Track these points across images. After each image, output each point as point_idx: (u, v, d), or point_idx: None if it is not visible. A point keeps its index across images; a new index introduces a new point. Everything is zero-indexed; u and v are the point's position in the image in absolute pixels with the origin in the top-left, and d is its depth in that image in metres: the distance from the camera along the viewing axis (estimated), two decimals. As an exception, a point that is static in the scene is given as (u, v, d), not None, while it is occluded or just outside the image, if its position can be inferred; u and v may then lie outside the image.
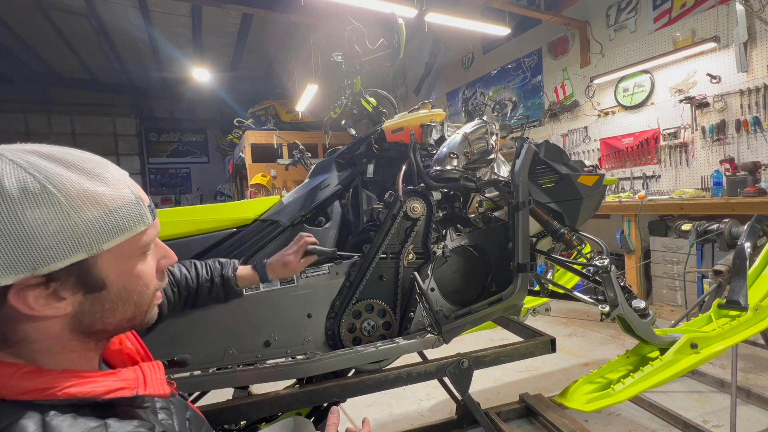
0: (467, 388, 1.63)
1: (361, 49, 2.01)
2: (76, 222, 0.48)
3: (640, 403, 2.32)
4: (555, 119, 5.44)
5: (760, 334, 2.22)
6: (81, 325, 0.54)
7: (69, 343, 0.55)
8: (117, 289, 0.55)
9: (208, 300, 1.27)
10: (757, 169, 3.35)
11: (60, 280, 0.49)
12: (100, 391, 0.52)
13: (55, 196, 0.47)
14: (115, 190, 0.53)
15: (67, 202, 0.48)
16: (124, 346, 0.69)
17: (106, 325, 0.57)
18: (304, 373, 1.49)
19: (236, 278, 1.27)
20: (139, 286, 0.58)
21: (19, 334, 0.51)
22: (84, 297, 0.53)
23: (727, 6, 3.67)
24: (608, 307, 1.75)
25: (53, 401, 0.49)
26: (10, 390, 0.48)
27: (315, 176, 1.83)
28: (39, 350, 0.53)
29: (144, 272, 0.59)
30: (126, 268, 0.56)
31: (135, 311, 0.59)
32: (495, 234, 1.83)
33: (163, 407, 0.64)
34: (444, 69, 7.32)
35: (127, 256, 0.56)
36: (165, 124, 13.09)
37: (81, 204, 0.49)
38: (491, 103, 1.94)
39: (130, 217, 0.54)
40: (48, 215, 0.47)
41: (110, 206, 0.52)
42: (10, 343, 0.51)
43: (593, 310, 3.86)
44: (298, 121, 8.35)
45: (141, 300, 0.59)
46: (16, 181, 0.46)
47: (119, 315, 0.57)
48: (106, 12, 7.23)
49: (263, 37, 8.46)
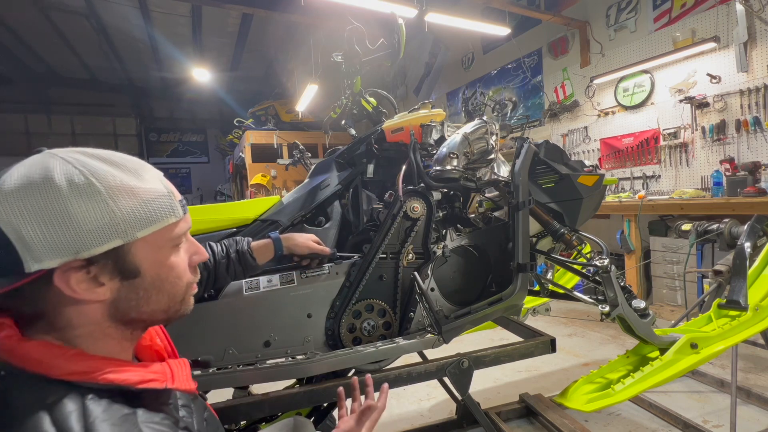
0: (467, 388, 1.63)
1: (361, 49, 2.01)
2: (113, 210, 0.53)
3: (640, 403, 2.32)
4: (555, 119, 5.43)
5: (760, 334, 2.22)
6: (118, 312, 0.59)
7: (108, 330, 0.59)
8: (150, 278, 0.59)
9: (226, 277, 1.30)
10: (757, 169, 3.35)
11: (99, 264, 0.54)
12: (134, 380, 0.56)
13: (97, 187, 0.53)
14: (149, 184, 0.58)
15: (107, 192, 0.53)
16: (153, 343, 0.73)
17: (140, 313, 0.61)
18: (304, 373, 1.49)
19: (252, 250, 1.31)
20: (171, 276, 0.62)
21: (64, 319, 0.56)
22: (120, 283, 0.57)
23: (727, 6, 3.67)
24: (608, 307, 1.75)
25: (92, 385, 0.53)
26: (56, 370, 0.52)
27: (315, 176, 1.83)
28: (81, 335, 0.57)
29: (176, 264, 0.63)
30: (159, 257, 0.60)
31: (169, 302, 0.63)
32: (495, 234, 1.83)
33: (184, 405, 0.66)
34: (444, 69, 7.31)
35: (160, 245, 0.60)
36: (165, 124, 13.09)
37: (118, 194, 0.54)
38: (491, 103, 1.93)
39: (162, 209, 0.58)
40: (90, 204, 0.52)
41: (144, 198, 0.57)
42: (56, 327, 0.56)
43: (593, 310, 3.86)
44: (298, 121, 8.35)
45: (174, 291, 0.63)
46: (65, 175, 0.52)
47: (153, 304, 0.61)
48: (106, 12, 7.23)
49: (263, 37, 8.46)
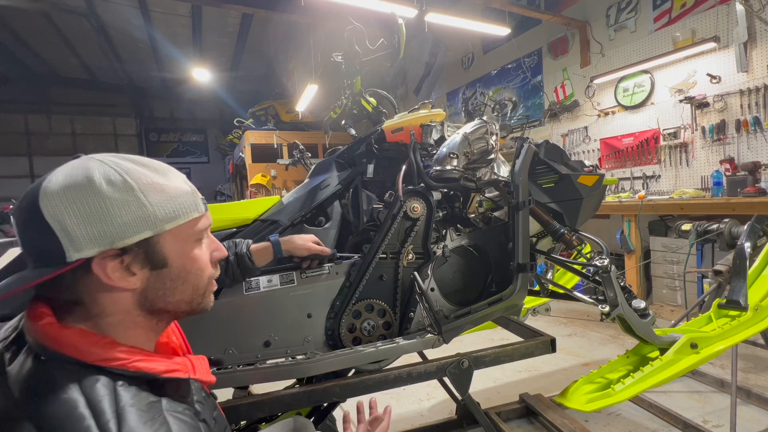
0: (467, 388, 1.63)
1: (361, 49, 2.01)
2: (145, 204, 0.59)
3: (640, 403, 2.32)
4: (555, 119, 5.43)
5: (760, 334, 2.22)
6: (146, 301, 0.63)
7: (137, 319, 0.64)
8: (177, 269, 0.64)
9: (224, 279, 1.31)
10: (757, 169, 3.35)
11: (131, 254, 0.60)
12: (161, 369, 0.60)
13: (130, 183, 0.59)
14: (174, 183, 0.65)
15: (139, 189, 0.59)
16: (170, 340, 0.76)
17: (167, 303, 0.65)
18: (304, 373, 1.49)
19: (251, 253, 1.32)
20: (195, 268, 0.67)
21: (99, 306, 0.60)
22: (150, 273, 0.62)
23: (727, 6, 3.67)
24: (608, 307, 1.75)
25: (123, 371, 0.57)
26: (90, 356, 0.57)
27: (315, 176, 1.83)
28: (113, 324, 0.61)
29: (199, 257, 0.68)
30: (184, 250, 0.65)
31: (192, 294, 0.67)
32: (495, 234, 1.82)
33: (198, 401, 0.69)
34: (444, 69, 7.30)
35: (185, 239, 0.65)
36: (165, 124, 13.09)
37: (149, 190, 0.60)
38: (491, 103, 1.93)
39: (186, 204, 0.64)
40: (125, 199, 0.58)
41: (171, 194, 0.63)
42: (91, 314, 0.60)
43: (593, 310, 3.86)
44: (298, 121, 8.35)
45: (198, 283, 0.68)
46: (103, 174, 0.58)
47: (178, 295, 0.66)
48: (106, 12, 7.24)
49: (263, 37, 8.46)
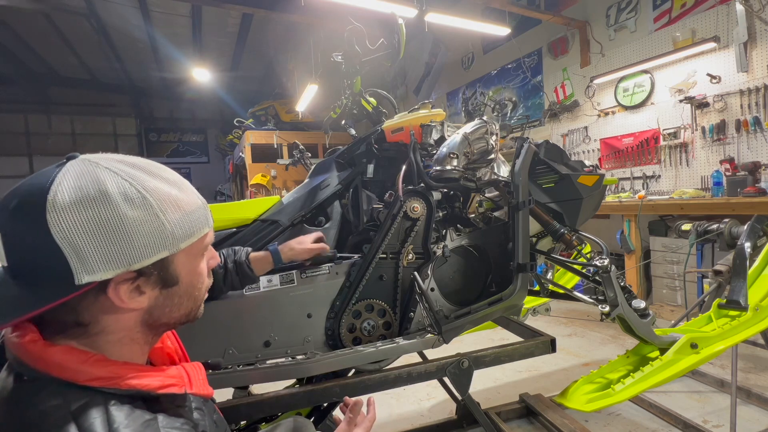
0: (467, 388, 1.63)
1: (361, 49, 2.00)
2: (163, 223, 0.54)
3: (640, 403, 2.32)
4: (555, 119, 5.43)
5: (760, 334, 2.22)
6: (151, 318, 0.60)
7: (136, 335, 0.60)
8: (185, 285, 0.61)
9: (223, 287, 1.29)
10: (757, 169, 3.35)
11: (146, 276, 0.55)
12: (155, 385, 0.56)
13: (149, 201, 0.54)
14: (188, 195, 0.60)
15: (158, 206, 0.54)
16: (164, 345, 0.73)
17: (170, 318, 0.62)
18: (304, 373, 1.50)
19: (249, 262, 1.30)
20: (199, 282, 0.64)
21: (100, 325, 0.56)
22: (159, 292, 0.58)
23: (727, 6, 3.66)
24: (608, 307, 1.75)
25: (115, 390, 0.53)
26: (81, 375, 0.52)
27: (315, 176, 1.83)
28: (111, 341, 0.57)
29: (203, 270, 0.65)
30: (193, 266, 0.62)
31: (192, 306, 0.65)
32: (495, 234, 1.82)
33: (197, 407, 0.66)
34: (444, 69, 7.30)
35: (195, 254, 0.62)
36: (165, 124, 13.07)
37: (167, 208, 0.55)
38: (491, 103, 1.93)
39: (200, 220, 0.60)
40: (143, 217, 0.53)
41: (186, 209, 0.58)
42: (89, 333, 0.56)
43: (593, 310, 3.86)
44: (298, 121, 8.34)
45: (199, 295, 0.65)
46: (118, 188, 0.52)
47: (183, 309, 0.63)
48: (106, 12, 7.22)
49: (263, 37, 8.45)
